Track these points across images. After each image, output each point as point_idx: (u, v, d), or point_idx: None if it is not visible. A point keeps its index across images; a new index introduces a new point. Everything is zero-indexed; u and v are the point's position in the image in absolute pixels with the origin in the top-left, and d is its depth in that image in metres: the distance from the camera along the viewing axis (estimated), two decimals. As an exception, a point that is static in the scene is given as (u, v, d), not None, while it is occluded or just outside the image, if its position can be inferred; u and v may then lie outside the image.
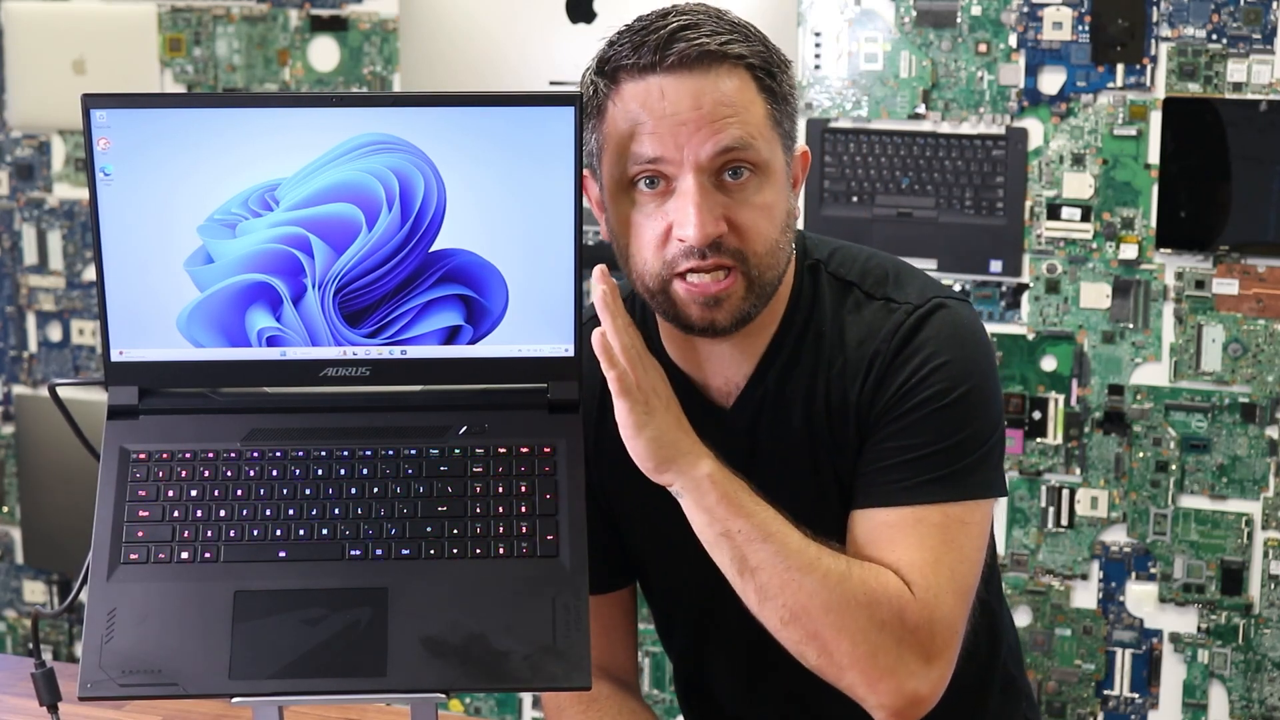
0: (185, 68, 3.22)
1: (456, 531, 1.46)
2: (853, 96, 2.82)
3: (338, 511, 1.47)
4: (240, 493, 1.48)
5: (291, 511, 1.47)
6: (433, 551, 1.45)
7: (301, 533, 1.46)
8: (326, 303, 1.52)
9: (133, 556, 1.45)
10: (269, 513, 1.47)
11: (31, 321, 3.43)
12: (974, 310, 1.62)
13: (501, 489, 1.48)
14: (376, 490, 1.48)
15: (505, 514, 1.47)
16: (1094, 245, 2.72)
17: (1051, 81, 2.72)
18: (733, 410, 1.62)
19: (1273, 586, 2.72)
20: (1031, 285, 2.77)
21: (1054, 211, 2.73)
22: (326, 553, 1.45)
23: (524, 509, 1.47)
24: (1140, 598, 2.78)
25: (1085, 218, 2.72)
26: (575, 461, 1.50)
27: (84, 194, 3.27)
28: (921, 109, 2.78)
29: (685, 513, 1.50)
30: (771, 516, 1.48)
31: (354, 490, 1.48)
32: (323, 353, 1.53)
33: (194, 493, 1.48)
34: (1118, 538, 2.78)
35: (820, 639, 1.47)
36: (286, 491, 1.48)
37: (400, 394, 1.54)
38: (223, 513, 1.47)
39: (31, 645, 1.59)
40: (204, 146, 1.49)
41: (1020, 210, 2.75)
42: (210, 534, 1.46)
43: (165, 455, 1.50)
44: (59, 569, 3.48)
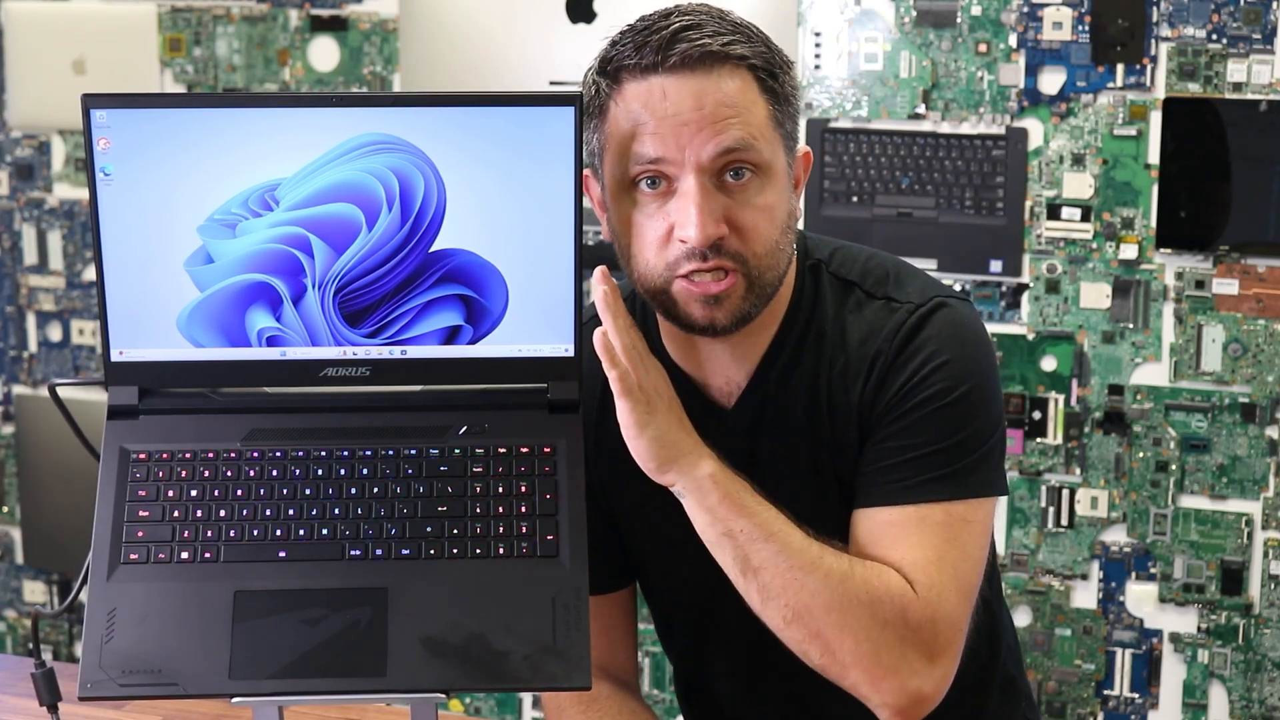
0: (185, 68, 3.22)
1: (456, 531, 1.46)
2: (853, 96, 2.81)
3: (338, 511, 1.47)
4: (240, 493, 1.48)
5: (291, 511, 1.47)
6: (433, 551, 1.45)
7: (301, 533, 1.46)
8: (326, 303, 1.52)
9: (133, 556, 1.45)
10: (269, 513, 1.47)
11: (31, 321, 3.43)
12: (975, 309, 1.62)
13: (501, 489, 1.48)
14: (376, 490, 1.48)
15: (505, 514, 1.47)
16: (1094, 245, 2.72)
17: (1051, 81, 2.72)
18: (734, 410, 1.62)
19: (1273, 586, 2.71)
20: (1031, 285, 2.76)
21: (1054, 211, 2.73)
22: (326, 553, 1.45)
23: (524, 509, 1.47)
24: (1140, 598, 2.78)
25: (1085, 218, 2.72)
26: (575, 461, 1.49)
27: (84, 194, 3.27)
28: (921, 109, 2.78)
29: (687, 513, 1.50)
30: (773, 516, 1.48)
31: (354, 490, 1.48)
32: (323, 353, 1.53)
33: (194, 493, 1.47)
34: (1118, 538, 2.78)
35: (823, 638, 1.47)
36: (286, 491, 1.48)
37: (400, 394, 1.54)
38: (223, 513, 1.47)
39: (31, 645, 1.59)
40: (204, 146, 1.48)
41: (1020, 210, 2.75)
42: (210, 534, 1.46)
43: (165, 455, 1.49)
44: (59, 569, 3.48)
